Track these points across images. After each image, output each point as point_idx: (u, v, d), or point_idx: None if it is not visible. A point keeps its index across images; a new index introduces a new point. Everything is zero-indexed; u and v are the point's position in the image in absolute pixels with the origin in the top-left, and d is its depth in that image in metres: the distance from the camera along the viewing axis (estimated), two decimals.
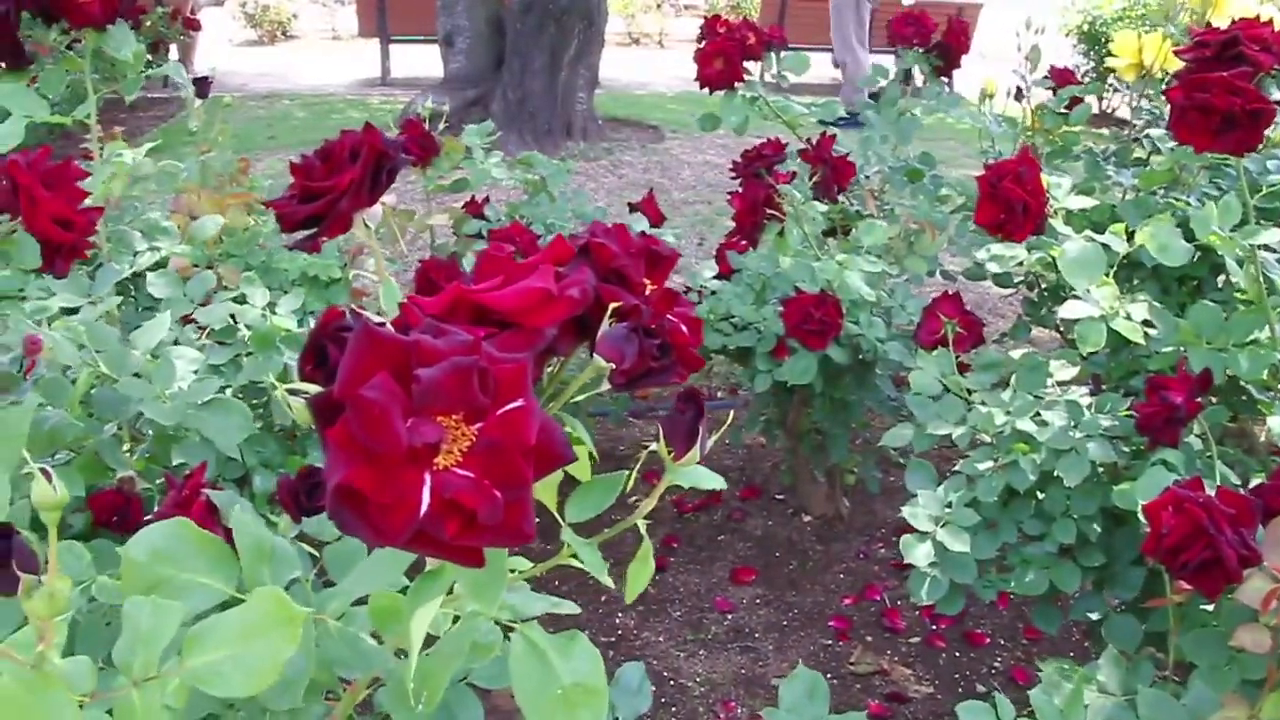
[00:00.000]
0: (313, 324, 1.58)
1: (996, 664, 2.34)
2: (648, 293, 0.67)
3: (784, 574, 2.63)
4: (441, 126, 2.54)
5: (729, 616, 2.47)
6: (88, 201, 1.16)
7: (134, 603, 0.70)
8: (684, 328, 0.67)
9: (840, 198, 2.41)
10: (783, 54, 2.36)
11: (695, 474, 0.70)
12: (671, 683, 2.23)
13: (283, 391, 0.55)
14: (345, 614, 0.86)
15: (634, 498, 1.32)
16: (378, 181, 0.69)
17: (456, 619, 0.88)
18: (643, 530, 0.70)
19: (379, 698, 0.98)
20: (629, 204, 2.64)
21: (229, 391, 1.41)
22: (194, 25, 6.17)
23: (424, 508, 0.50)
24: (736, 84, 2.27)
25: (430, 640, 0.73)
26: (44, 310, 1.37)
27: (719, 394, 3.42)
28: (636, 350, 0.61)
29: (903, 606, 2.51)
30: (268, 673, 0.63)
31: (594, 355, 0.62)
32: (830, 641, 2.40)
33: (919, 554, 1.63)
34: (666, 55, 12.32)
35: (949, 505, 1.67)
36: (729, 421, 1.01)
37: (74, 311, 1.51)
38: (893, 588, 2.58)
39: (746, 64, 2.29)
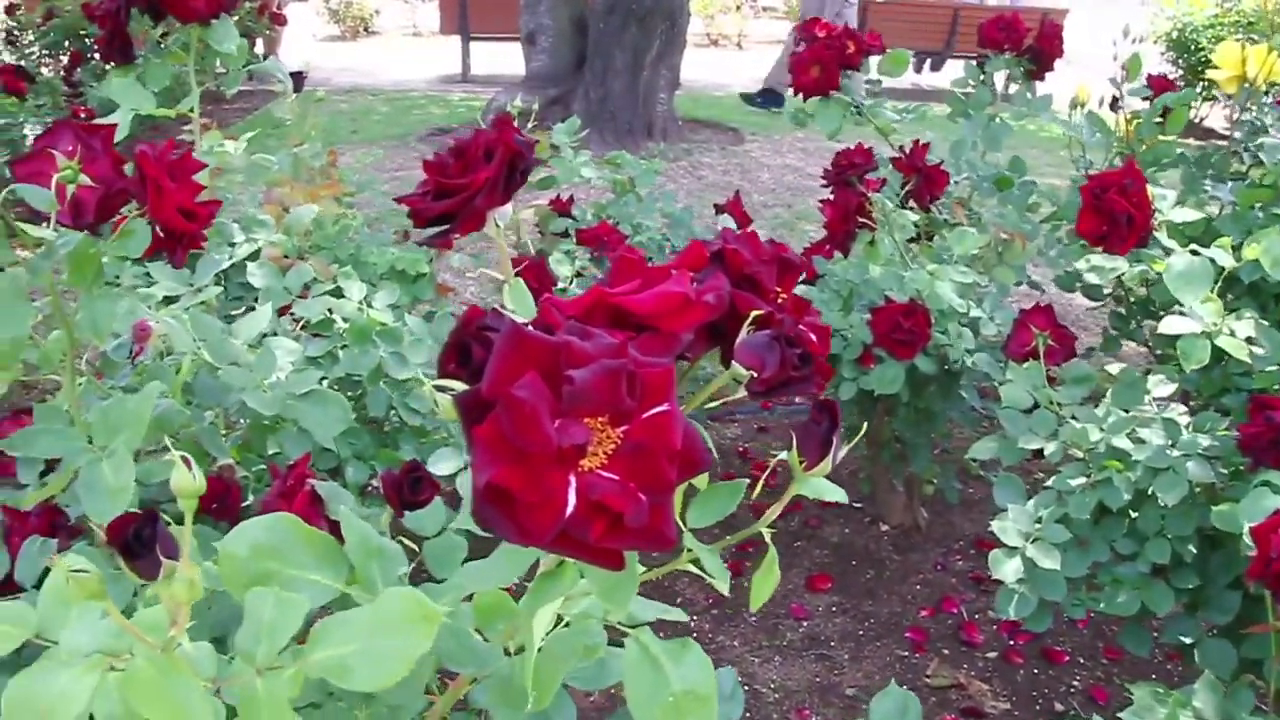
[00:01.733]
0: (408, 318, 1.60)
1: (1075, 683, 2.30)
2: (779, 300, 0.67)
3: (860, 583, 2.61)
4: (530, 125, 2.54)
5: (804, 624, 2.45)
6: None
7: (257, 594, 0.71)
8: (813, 337, 0.67)
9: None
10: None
11: (819, 485, 0.70)
12: (746, 688, 2.22)
13: (430, 387, 0.56)
14: (453, 611, 0.86)
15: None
16: (511, 180, 0.69)
17: (560, 621, 0.89)
18: (768, 539, 0.70)
19: (473, 694, 0.99)
20: (715, 205, 2.64)
21: (324, 383, 1.42)
22: (280, 20, 6.27)
23: (569, 509, 0.50)
24: (832, 91, 2.25)
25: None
26: (149, 298, 1.40)
27: (797, 399, 3.41)
28: (778, 359, 0.60)
29: (980, 620, 2.48)
30: (398, 669, 0.64)
31: (732, 362, 0.61)
32: (906, 653, 2.37)
33: (1008, 570, 1.61)
34: (745, 57, 12.30)
35: (1039, 521, 1.65)
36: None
37: (172, 300, 1.54)
38: (970, 601, 2.55)
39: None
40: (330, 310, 1.59)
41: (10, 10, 6.64)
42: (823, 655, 2.35)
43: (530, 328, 0.52)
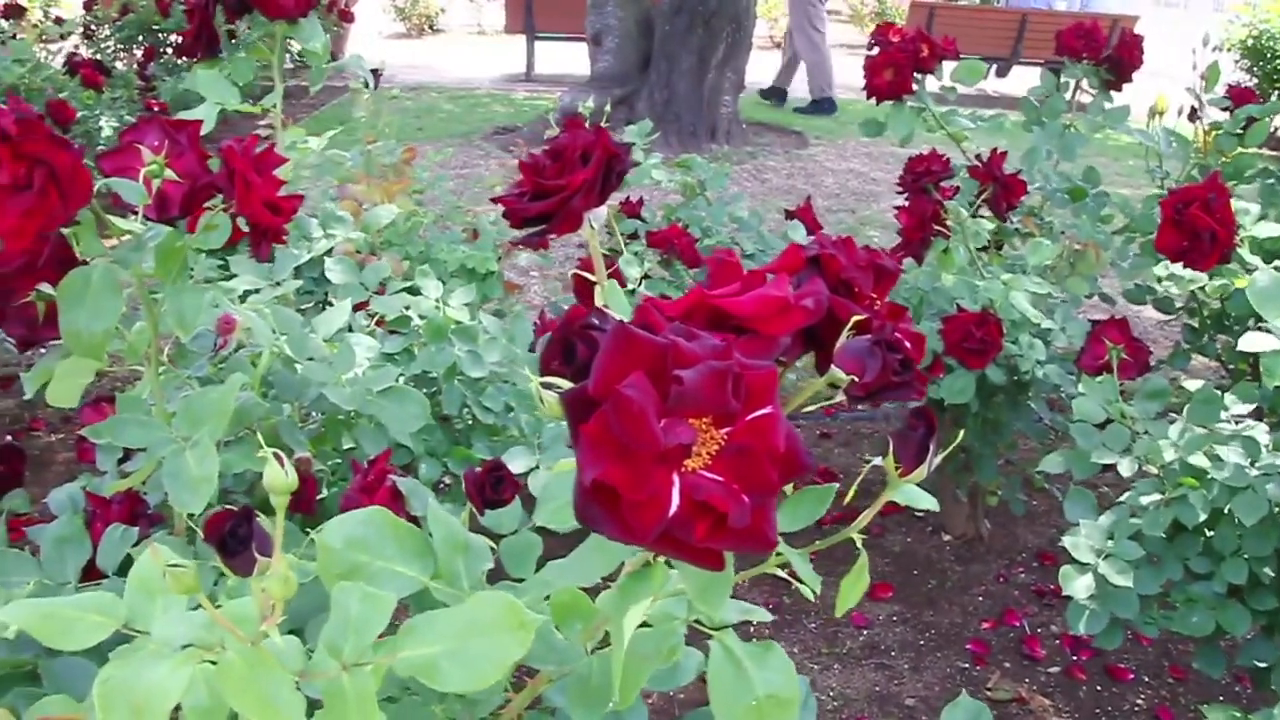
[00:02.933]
0: (483, 316, 1.61)
1: (1140, 701, 2.27)
2: (874, 306, 0.66)
3: (921, 592, 2.59)
4: (603, 125, 2.55)
5: (864, 632, 2.44)
6: None
7: (343, 589, 0.72)
8: (907, 344, 0.66)
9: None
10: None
11: (911, 492, 0.69)
12: None
13: (537, 385, 0.56)
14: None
15: None
16: (608, 182, 0.69)
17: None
18: (859, 545, 0.69)
19: (546, 694, 0.99)
20: (785, 211, 2.62)
21: (400, 380, 1.43)
22: (348, 17, 6.32)
23: (673, 508, 0.50)
24: (905, 95, 2.23)
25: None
26: (230, 292, 1.42)
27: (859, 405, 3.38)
28: (880, 364, 0.60)
29: (1043, 634, 2.45)
30: (490, 673, 0.64)
31: (830, 366, 0.61)
32: (967, 665, 2.35)
33: (1079, 586, 1.59)
34: None
35: (1110, 537, 1.63)
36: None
37: (250, 294, 1.55)
38: (1033, 614, 2.52)
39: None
40: (407, 307, 1.61)
41: (88, 6, 6.77)
42: (882, 664, 2.34)
43: (631, 327, 0.52)
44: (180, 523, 1.20)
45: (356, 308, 1.66)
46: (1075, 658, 2.37)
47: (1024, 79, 8.89)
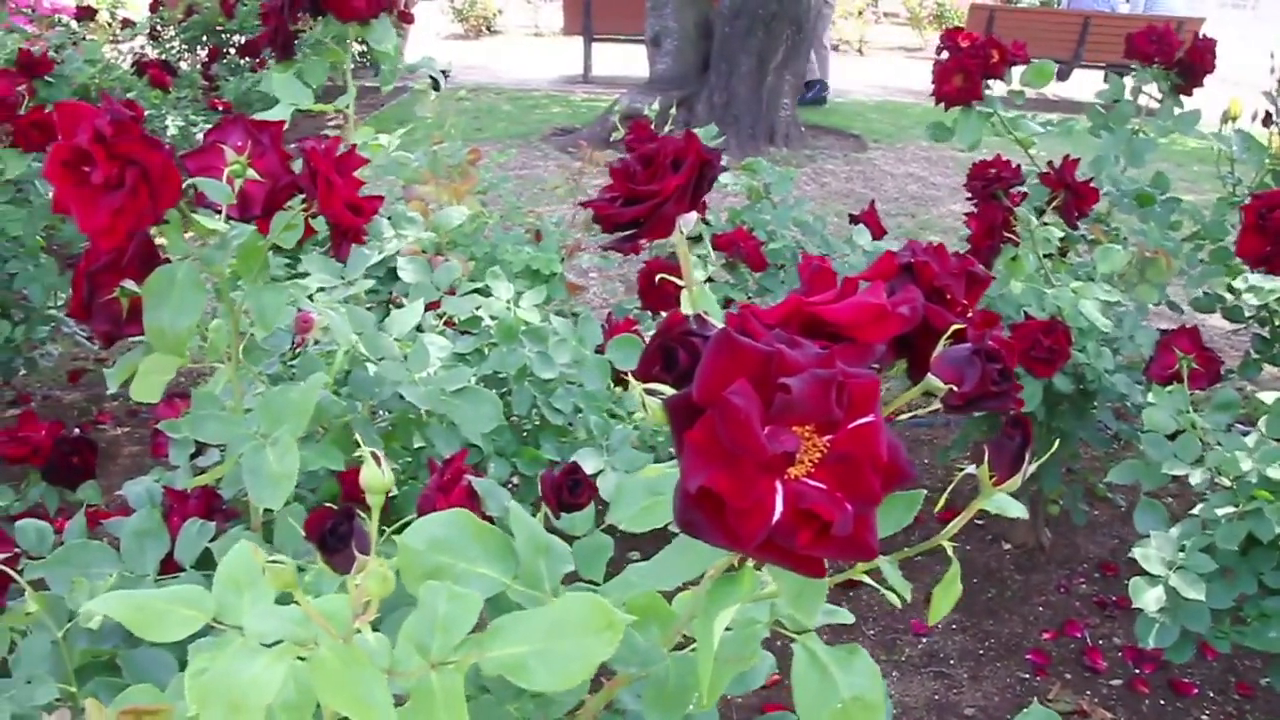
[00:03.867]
0: (553, 318, 1.61)
1: (1204, 717, 2.24)
2: (967, 315, 0.66)
3: (981, 601, 2.57)
4: (667, 129, 2.56)
5: (923, 640, 2.42)
6: None
7: (430, 589, 0.72)
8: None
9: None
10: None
11: (1001, 501, 0.69)
12: None
13: (641, 391, 0.56)
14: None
15: None
16: (700, 187, 0.69)
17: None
18: (950, 553, 0.69)
19: (619, 697, 0.99)
20: (850, 216, 2.61)
21: (472, 380, 1.44)
22: (408, 18, 6.37)
23: (776, 515, 0.51)
24: (974, 101, 2.21)
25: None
26: (304, 290, 1.43)
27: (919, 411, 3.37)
28: (979, 374, 0.60)
29: (1105, 646, 2.42)
30: (578, 672, 0.65)
31: (926, 374, 0.61)
32: (1027, 675, 2.33)
33: (1149, 598, 1.57)
34: (866, 63, 12.19)
35: (1182, 549, 1.60)
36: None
37: (322, 293, 1.57)
38: (1094, 625, 2.49)
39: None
40: (478, 308, 1.61)
41: (154, 7, 6.88)
42: (941, 673, 2.32)
43: (735, 334, 0.52)
44: (257, 518, 1.21)
45: (426, 308, 1.67)
46: (1138, 671, 2.34)
47: (1084, 82, 8.80)
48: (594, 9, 9.57)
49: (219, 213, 1.12)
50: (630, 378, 0.59)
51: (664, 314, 2.13)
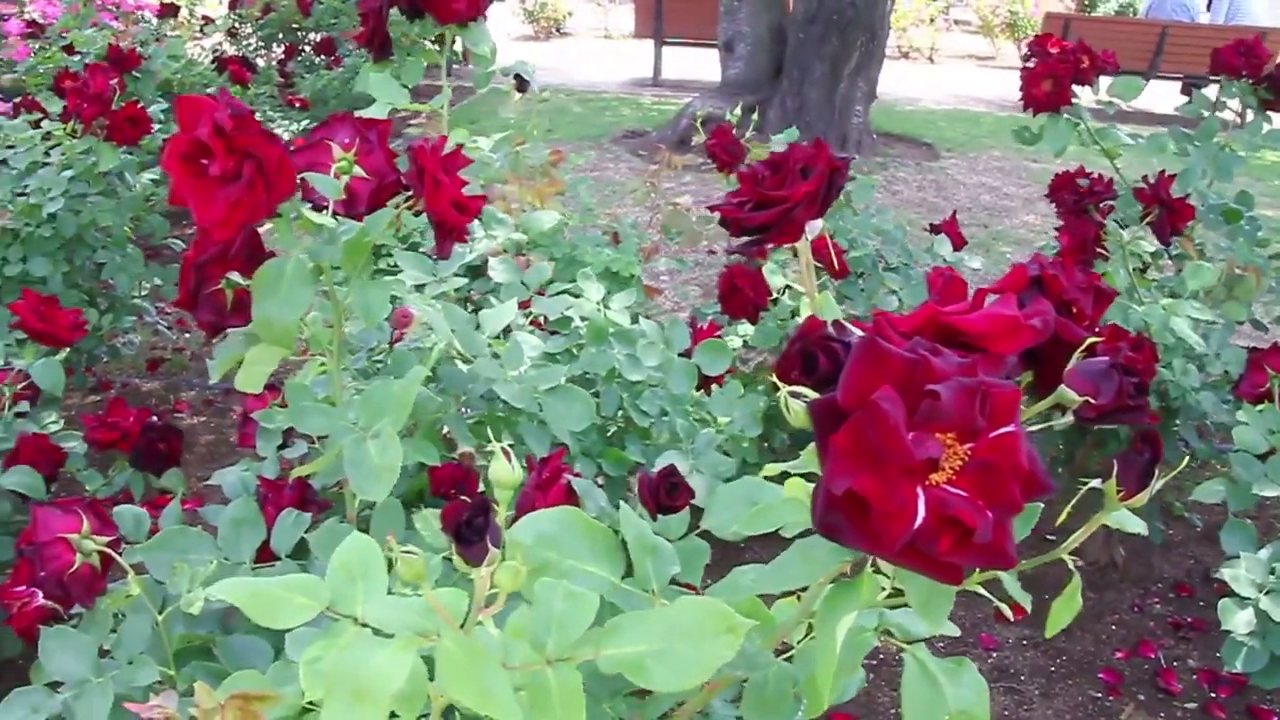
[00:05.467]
0: (642, 321, 1.62)
1: None
2: (1095, 328, 0.66)
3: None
4: (749, 134, 2.56)
5: (993, 654, 2.40)
6: None
7: (546, 585, 0.73)
8: None
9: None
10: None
11: (1122, 516, 0.68)
12: None
13: (785, 394, 0.57)
14: None
15: None
16: (830, 194, 0.70)
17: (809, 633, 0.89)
18: (1071, 566, 0.69)
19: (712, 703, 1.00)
20: (930, 225, 2.60)
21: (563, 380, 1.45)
22: None
23: (919, 520, 0.51)
24: (1062, 107, 2.19)
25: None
26: (402, 286, 1.45)
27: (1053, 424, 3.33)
28: (1115, 387, 0.59)
29: (1179, 668, 2.38)
30: (697, 674, 0.65)
31: (1060, 386, 0.61)
32: (1099, 694, 2.30)
33: (1239, 621, 1.54)
34: (937, 71, 12.10)
35: (1273, 571, 1.58)
36: None
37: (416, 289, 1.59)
38: (1169, 647, 2.45)
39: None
40: (569, 308, 1.62)
41: (233, 4, 7.00)
42: (1012, 689, 2.30)
43: (881, 340, 0.52)
44: (352, 510, 1.23)
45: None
46: (1214, 695, 2.30)
47: (1161, 93, 8.68)
48: (665, 12, 9.59)
49: (324, 208, 1.14)
50: (780, 380, 0.59)
51: (743, 320, 2.14)
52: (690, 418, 1.57)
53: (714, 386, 1.73)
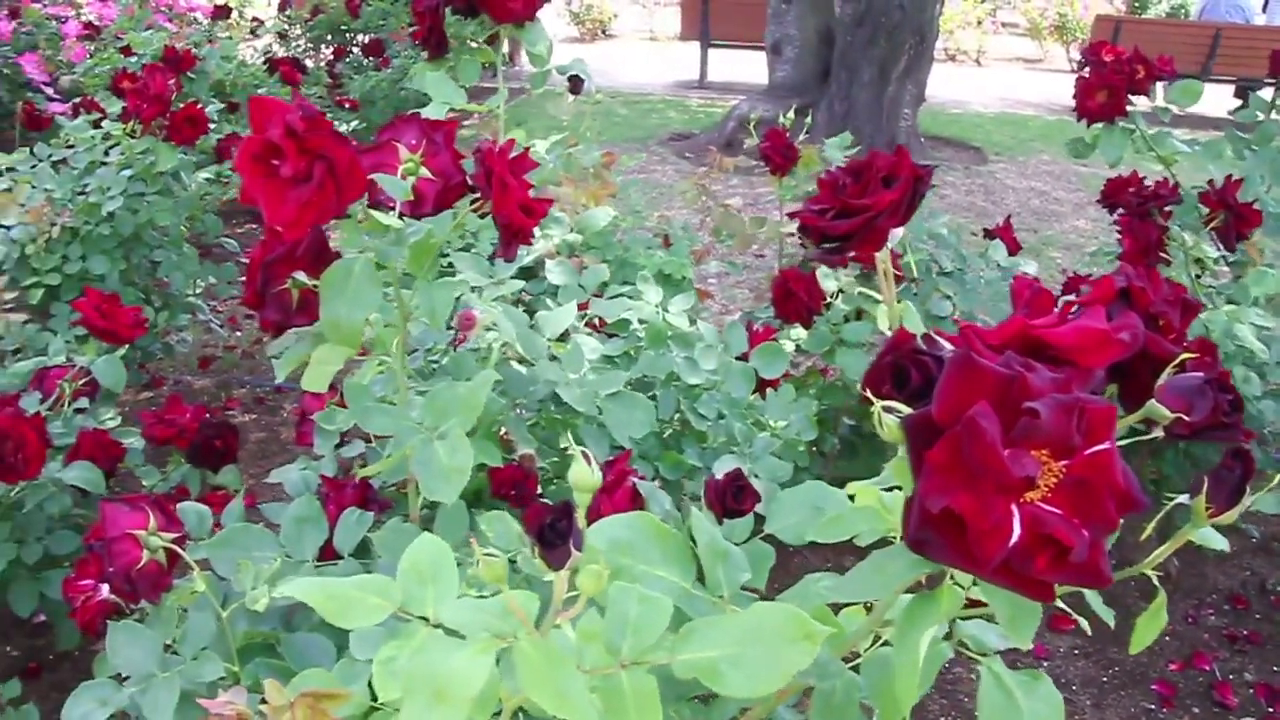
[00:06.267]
0: (700, 324, 1.62)
1: None
2: (1184, 342, 0.65)
3: (1105, 627, 2.50)
4: (801, 137, 2.55)
5: (1045, 664, 2.38)
6: None
7: (620, 589, 0.73)
8: None
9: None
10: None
11: (1207, 533, 0.68)
12: None
13: (879, 408, 0.57)
14: None
15: None
16: (913, 202, 0.69)
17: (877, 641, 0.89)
18: (1155, 582, 0.68)
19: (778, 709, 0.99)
20: (984, 230, 2.58)
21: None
22: None
23: (1014, 538, 0.50)
24: (1117, 117, 2.17)
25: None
26: (463, 287, 1.45)
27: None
28: (1209, 404, 0.59)
29: (1235, 681, 2.35)
30: (773, 680, 0.65)
31: (1149, 401, 0.60)
32: (1153, 706, 2.27)
33: None
34: (984, 74, 12.02)
35: None
36: None
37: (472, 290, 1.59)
38: (1223, 659, 2.42)
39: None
40: (628, 310, 1.62)
41: (283, 6, 7.06)
42: (1064, 699, 2.27)
43: (976, 355, 0.52)
44: (415, 510, 1.24)
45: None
46: (1271, 710, 2.27)
47: (1214, 97, 8.57)
48: (712, 14, 9.58)
49: (390, 209, 1.14)
50: (870, 392, 0.59)
51: (796, 324, 2.13)
52: (747, 421, 1.57)
53: (768, 390, 1.72)
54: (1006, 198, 6.10)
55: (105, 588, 1.36)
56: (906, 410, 0.56)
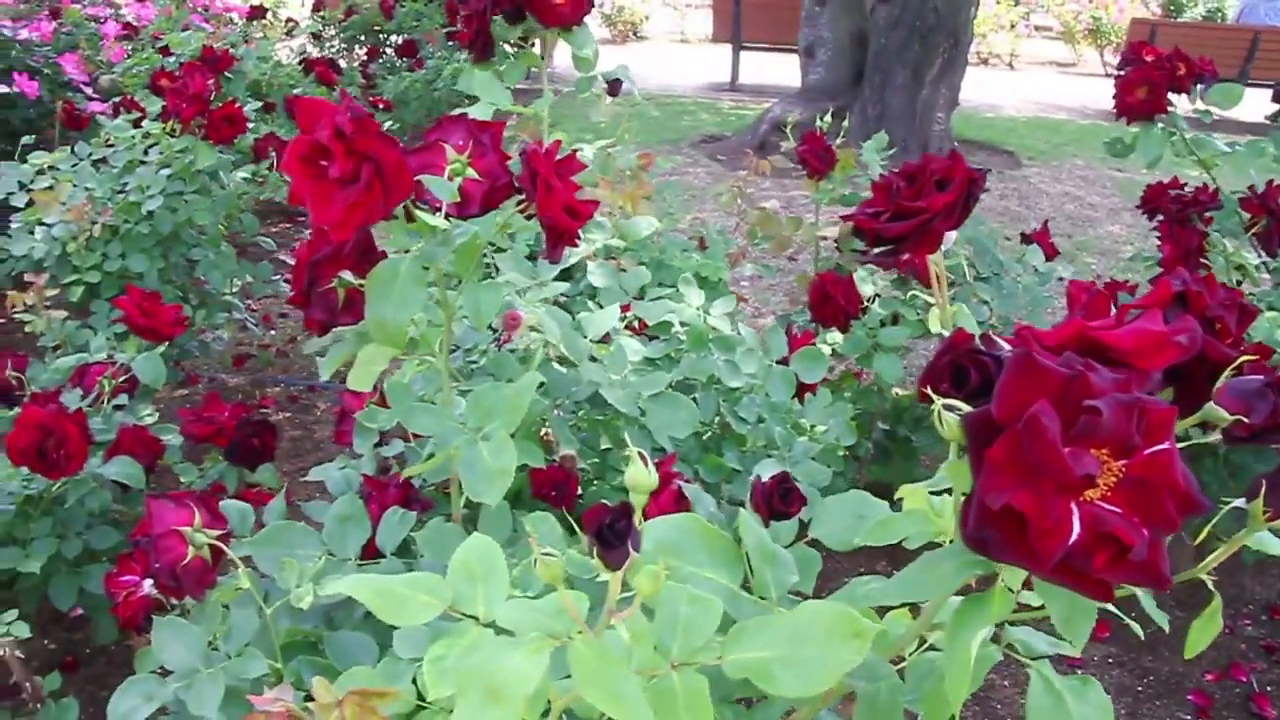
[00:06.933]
0: (741, 327, 1.62)
1: None
2: (1240, 346, 0.65)
3: (1140, 636, 2.49)
4: (840, 141, 2.54)
5: (1078, 672, 2.36)
6: None
7: (671, 590, 0.73)
8: None
9: None
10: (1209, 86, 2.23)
11: (1264, 538, 0.67)
12: None
13: (939, 405, 0.57)
14: None
15: None
16: (968, 205, 0.69)
17: (922, 644, 0.88)
18: (1210, 586, 0.68)
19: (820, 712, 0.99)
20: (1021, 235, 2.57)
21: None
22: None
23: (1073, 537, 0.50)
24: (1157, 116, 2.16)
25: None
26: (508, 288, 1.45)
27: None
28: (1270, 407, 0.59)
29: (1273, 693, 2.33)
30: (824, 680, 0.65)
31: (1206, 404, 0.60)
32: (1189, 716, 2.25)
33: None
34: (1017, 77, 11.96)
35: None
36: None
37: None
38: (1261, 670, 2.40)
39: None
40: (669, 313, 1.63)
41: (317, 7, 7.11)
42: None
43: (1037, 354, 0.52)
44: (458, 510, 1.24)
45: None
46: None
47: (1252, 101, 8.50)
48: (744, 17, 9.57)
49: (436, 210, 1.15)
50: (937, 394, 0.59)
51: (833, 328, 2.13)
52: (786, 425, 1.57)
53: (806, 394, 1.72)
54: (1040, 202, 6.07)
55: (147, 583, 1.38)
56: (966, 408, 0.56)
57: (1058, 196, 6.22)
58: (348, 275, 1.20)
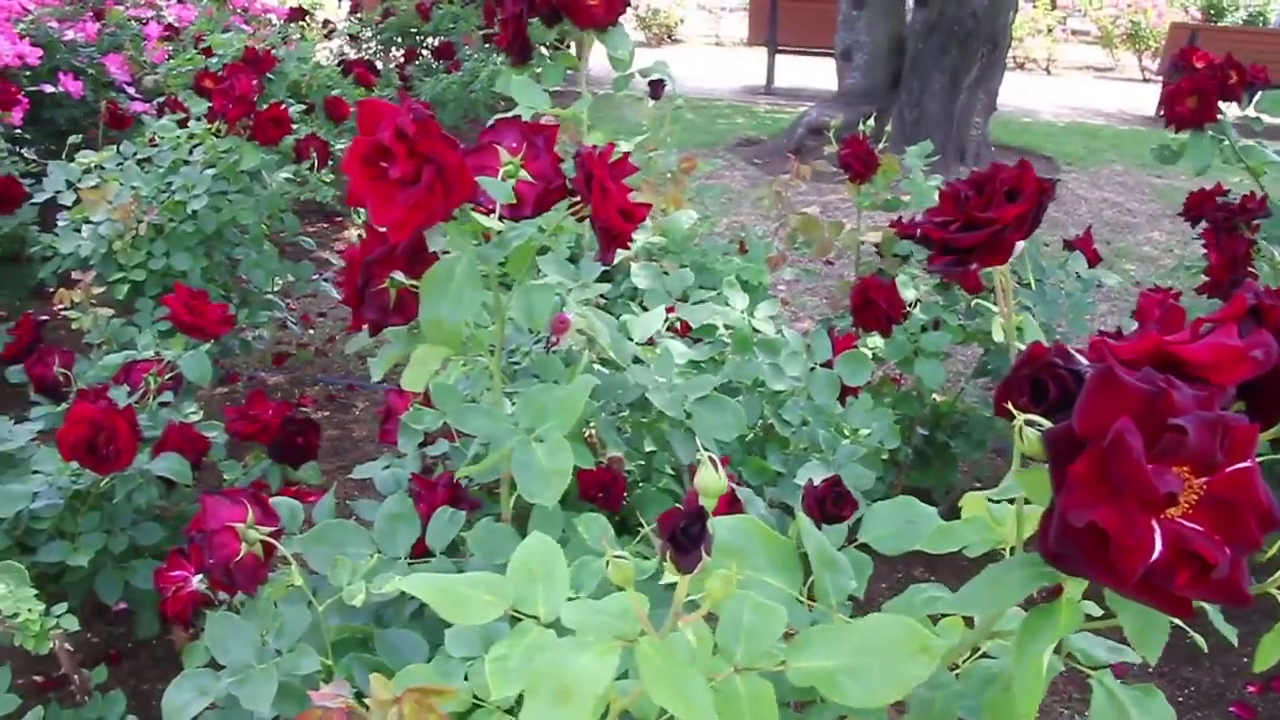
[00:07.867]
0: (785, 331, 1.62)
1: None
2: None
3: (1181, 646, 2.47)
4: (882, 146, 2.54)
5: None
6: None
7: (736, 597, 0.74)
8: None
9: None
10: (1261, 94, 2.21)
11: None
12: None
13: (1020, 421, 0.57)
14: None
15: None
16: (1038, 215, 0.69)
17: (976, 652, 0.88)
18: (1279, 599, 0.68)
19: None
20: (1064, 241, 2.56)
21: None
22: None
23: (1155, 554, 0.50)
24: (1206, 124, 2.14)
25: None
26: (561, 290, 1.46)
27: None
28: None
29: None
30: (890, 692, 0.65)
31: None
32: None
33: None
34: (1054, 82, 11.88)
35: None
36: None
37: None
38: None
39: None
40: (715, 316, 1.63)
41: (355, 9, 7.16)
42: None
43: (1119, 370, 0.52)
44: (508, 510, 1.25)
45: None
46: None
47: None
48: (780, 20, 9.56)
49: (488, 212, 1.15)
50: (1014, 407, 0.59)
51: (874, 332, 2.12)
52: (830, 428, 1.57)
53: (849, 398, 1.72)
54: (1079, 208, 6.03)
55: (196, 579, 1.39)
56: (1044, 423, 0.56)
57: (1096, 202, 6.17)
58: (400, 276, 1.21)
